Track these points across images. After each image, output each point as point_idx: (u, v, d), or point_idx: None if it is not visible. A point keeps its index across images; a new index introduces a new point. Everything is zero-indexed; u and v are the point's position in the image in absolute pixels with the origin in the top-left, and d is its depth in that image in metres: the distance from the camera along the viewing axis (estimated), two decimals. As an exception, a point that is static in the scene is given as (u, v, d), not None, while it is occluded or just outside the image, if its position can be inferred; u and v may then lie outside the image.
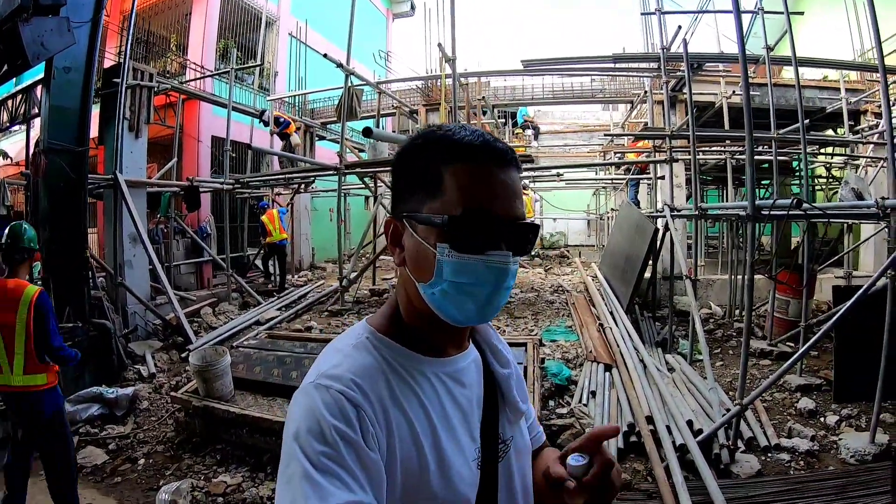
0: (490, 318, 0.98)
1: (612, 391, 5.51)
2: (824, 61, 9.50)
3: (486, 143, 0.94)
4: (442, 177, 0.92)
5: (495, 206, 0.91)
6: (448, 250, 0.90)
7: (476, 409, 1.04)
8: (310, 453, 0.78)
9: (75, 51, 6.23)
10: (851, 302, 4.32)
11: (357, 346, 0.96)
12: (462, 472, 0.94)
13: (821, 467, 4.49)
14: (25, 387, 3.74)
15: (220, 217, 12.36)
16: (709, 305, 9.57)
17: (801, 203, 4.36)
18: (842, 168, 11.63)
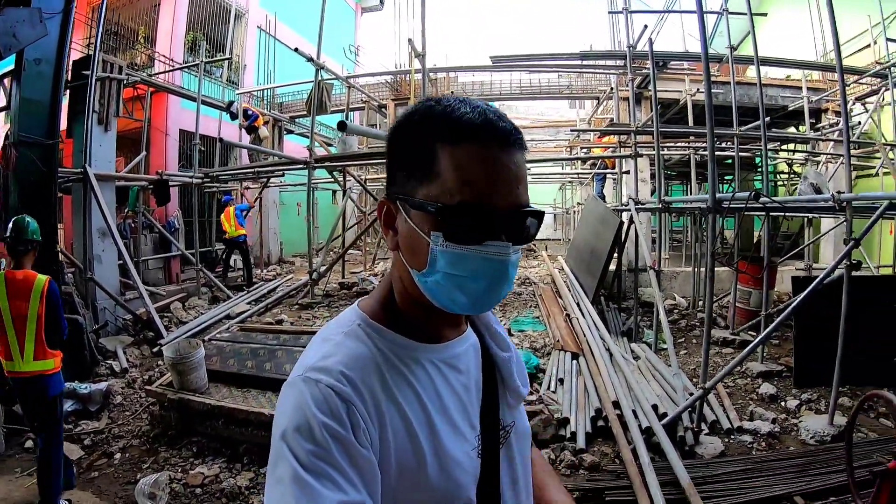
0: (489, 309, 0.93)
1: (580, 378, 5.67)
2: (785, 61, 9.80)
3: (487, 121, 0.85)
4: (438, 159, 0.84)
5: (495, 195, 0.83)
6: (442, 240, 0.83)
7: (475, 395, 0.99)
8: (299, 453, 0.75)
9: (46, 42, 6.18)
10: (808, 290, 4.54)
11: (348, 334, 0.91)
12: (461, 462, 0.90)
13: (782, 448, 4.69)
14: (34, 372, 3.94)
15: (189, 212, 12.31)
16: (673, 297, 9.79)
17: (758, 195, 4.55)
18: (803, 164, 11.98)
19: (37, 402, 4.03)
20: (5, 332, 3.89)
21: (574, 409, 5.01)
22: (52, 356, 4.06)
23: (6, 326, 3.89)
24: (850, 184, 4.95)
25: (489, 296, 0.87)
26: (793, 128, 13.65)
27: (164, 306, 9.39)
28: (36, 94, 6.50)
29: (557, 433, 4.75)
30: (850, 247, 4.50)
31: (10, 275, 3.95)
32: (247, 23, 16.43)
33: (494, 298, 0.88)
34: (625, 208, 8.14)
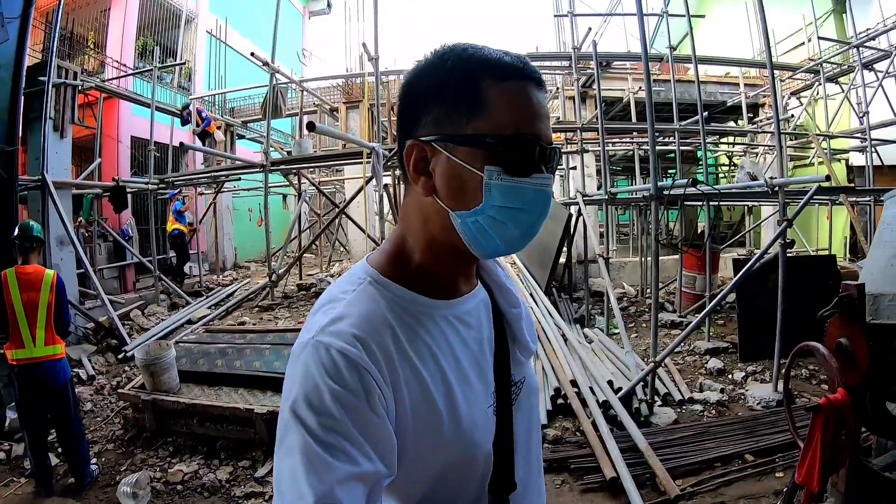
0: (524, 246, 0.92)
1: (537, 361, 5.93)
2: (722, 59, 10.30)
3: (525, 63, 0.87)
4: (487, 95, 0.84)
5: (539, 128, 0.85)
6: (499, 173, 0.83)
7: (488, 351, 0.98)
8: (309, 423, 0.73)
9: (5, 48, 6.15)
10: (746, 267, 4.93)
11: (360, 293, 0.88)
12: (477, 421, 0.90)
13: (731, 414, 5.06)
14: (46, 356, 4.29)
15: (143, 219, 12.23)
16: (622, 286, 10.18)
17: (696, 182, 4.92)
18: (742, 156, 12.56)
19: (49, 389, 4.32)
20: (17, 322, 4.23)
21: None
22: (60, 342, 4.44)
23: (18, 316, 4.23)
24: (782, 170, 5.36)
25: (533, 229, 0.88)
26: (733, 122, 14.26)
27: (124, 314, 9.30)
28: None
29: (519, 413, 5.00)
30: (784, 226, 4.89)
31: (20, 270, 4.33)
32: (196, 28, 16.28)
33: (534, 232, 0.89)
34: (573, 202, 8.46)
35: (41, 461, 4.43)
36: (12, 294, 4.28)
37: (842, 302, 2.47)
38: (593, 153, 10.33)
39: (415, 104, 0.90)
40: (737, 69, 12.27)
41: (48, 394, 4.36)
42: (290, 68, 15.95)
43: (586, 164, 9.95)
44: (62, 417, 4.44)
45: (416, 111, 0.89)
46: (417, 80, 0.91)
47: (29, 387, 4.31)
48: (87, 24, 14.30)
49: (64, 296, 4.56)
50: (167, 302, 10.79)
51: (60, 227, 8.01)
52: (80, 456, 4.51)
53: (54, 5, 8.74)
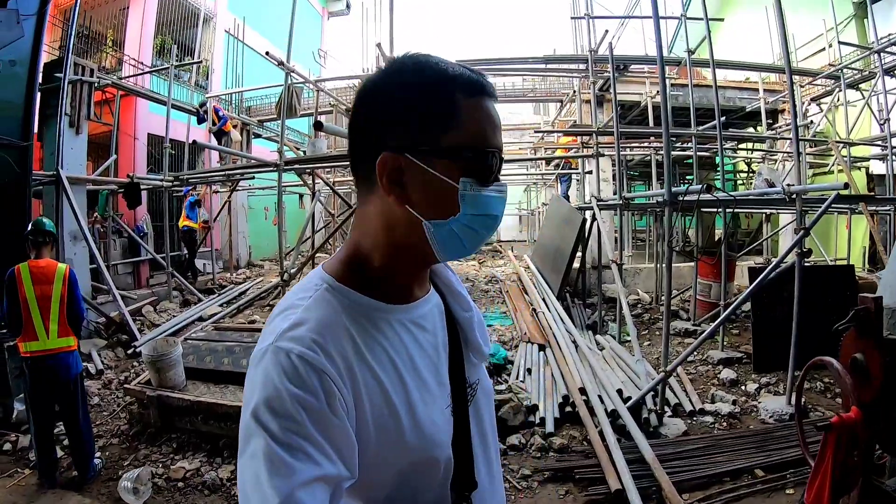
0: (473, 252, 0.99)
1: (547, 368, 5.89)
2: (741, 63, 10.15)
3: (486, 79, 0.94)
4: (459, 109, 0.88)
5: (499, 141, 0.93)
6: (472, 184, 0.88)
7: (443, 354, 1.01)
8: (271, 427, 0.74)
9: (20, 44, 6.12)
10: (762, 276, 4.81)
11: (317, 299, 0.89)
12: (436, 422, 0.92)
13: (742, 427, 4.94)
14: (59, 348, 4.39)
15: (158, 216, 12.27)
16: (636, 292, 10.05)
17: (711, 188, 4.81)
18: (760, 163, 12.38)
19: (61, 381, 4.41)
20: (30, 315, 4.33)
21: (542, 397, 5.21)
22: (72, 335, 4.54)
23: (31, 309, 4.33)
24: (800, 177, 5.24)
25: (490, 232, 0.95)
26: (751, 128, 14.07)
27: (135, 310, 9.35)
28: (10, 95, 6.45)
29: (527, 419, 4.93)
30: (801, 235, 4.78)
31: (33, 264, 4.43)
32: (215, 27, 16.32)
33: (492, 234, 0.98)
34: (588, 206, 8.37)
35: (46, 453, 4.48)
36: (26, 288, 4.36)
37: (858, 315, 2.38)
38: (609, 158, 10.21)
39: (380, 116, 0.92)
40: (756, 74, 12.12)
41: (59, 385, 4.43)
42: (307, 68, 15.96)
43: (602, 168, 9.85)
44: (70, 410, 4.50)
45: (382, 123, 0.91)
46: (379, 93, 0.93)
47: (40, 378, 4.37)
48: (106, 22, 14.39)
49: (77, 289, 4.63)
50: (179, 299, 10.84)
51: (74, 222, 8.03)
52: (86, 449, 4.56)
53: (73, 3, 8.76)
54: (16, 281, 4.37)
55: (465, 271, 12.83)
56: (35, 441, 4.53)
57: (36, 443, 4.51)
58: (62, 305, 4.46)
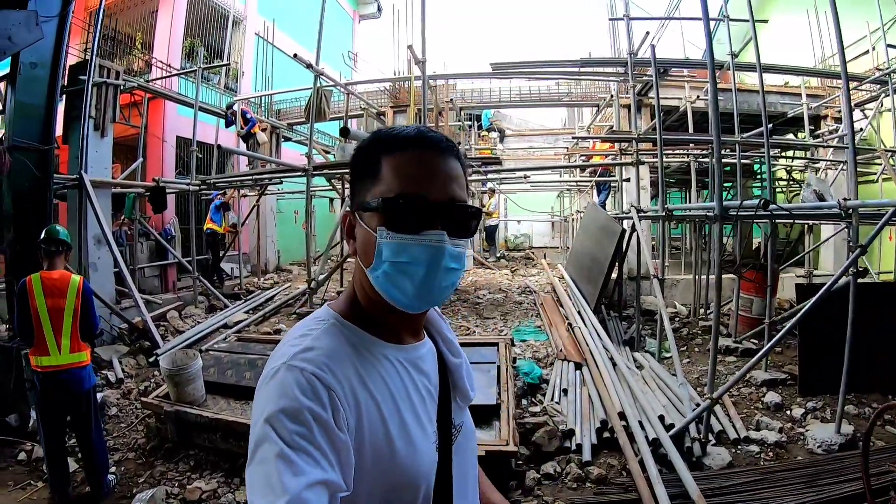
0: (436, 302, 1.03)
1: (584, 389, 5.58)
2: (788, 68, 9.77)
3: (419, 132, 1.02)
4: (381, 166, 0.99)
5: (428, 189, 0.96)
6: (386, 232, 0.95)
7: (433, 395, 1.08)
8: (282, 433, 0.80)
9: (42, 46, 6.04)
10: (815, 300, 4.47)
11: (326, 330, 0.98)
12: (424, 453, 0.98)
13: (789, 458, 4.61)
14: (71, 364, 4.26)
15: (185, 219, 12.20)
16: (674, 305, 9.70)
17: (767, 204, 4.47)
18: (802, 171, 11.95)
19: (73, 395, 4.29)
20: (42, 328, 4.21)
21: (579, 421, 4.93)
22: (85, 349, 4.41)
23: (42, 322, 4.21)
24: (855, 190, 4.90)
25: (429, 282, 0.96)
26: (791, 134, 13.64)
27: (160, 315, 9.26)
28: (31, 98, 6.35)
29: (562, 445, 4.67)
30: (857, 254, 4.46)
31: (45, 275, 4.30)
32: (245, 29, 16.31)
33: (435, 287, 0.98)
34: (626, 216, 8.07)
35: (57, 467, 4.37)
36: (37, 300, 4.23)
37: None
38: (648, 165, 9.88)
39: (350, 178, 1.10)
40: (797, 78, 11.69)
41: (71, 400, 4.32)
42: (337, 71, 15.85)
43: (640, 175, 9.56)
44: (83, 425, 4.39)
45: (350, 184, 1.09)
46: (352, 158, 1.09)
47: (52, 392, 4.26)
48: (135, 25, 14.46)
49: (90, 301, 4.49)
50: (205, 304, 10.71)
51: (97, 226, 7.92)
52: (99, 465, 4.46)
53: (98, 6, 8.71)
54: (27, 292, 4.24)
55: (499, 281, 12.52)
56: (46, 455, 4.41)
57: (47, 457, 4.39)
58: (75, 319, 4.32)
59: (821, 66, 11.73)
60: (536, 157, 20.04)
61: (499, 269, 15.29)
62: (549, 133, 21.94)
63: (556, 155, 18.86)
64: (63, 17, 6.30)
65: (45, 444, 4.37)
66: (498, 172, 13.90)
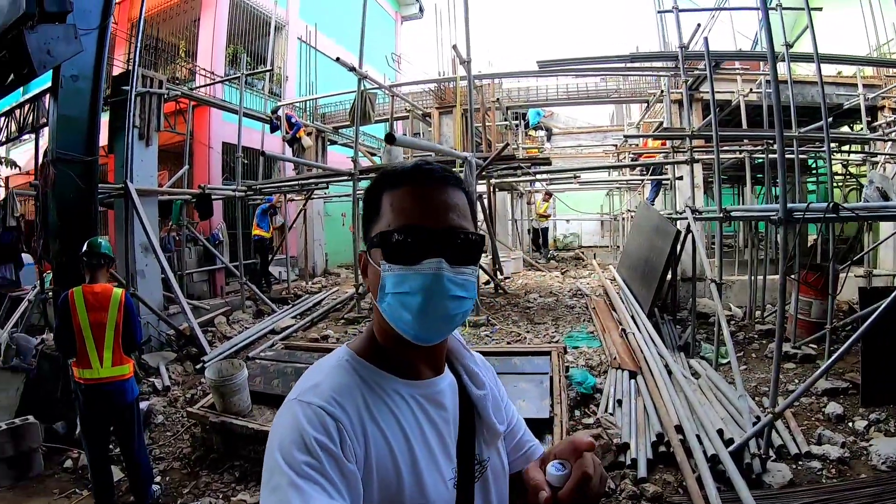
0: (444, 331, 1.03)
1: (639, 399, 5.39)
2: (846, 57, 9.33)
3: (416, 166, 1.05)
4: (382, 202, 1.03)
5: (427, 219, 0.98)
6: (387, 265, 0.97)
7: (453, 430, 1.07)
8: (293, 463, 0.82)
9: (83, 59, 6.11)
10: (885, 306, 4.18)
11: (336, 367, 1.01)
12: (437, 490, 0.98)
13: (853, 475, 4.36)
14: (113, 377, 4.25)
15: (232, 224, 12.32)
16: (729, 307, 9.40)
17: (837, 207, 4.20)
18: (860, 165, 11.48)
19: (116, 408, 4.29)
20: (84, 342, 4.20)
21: (634, 434, 4.74)
22: (128, 362, 4.40)
23: (85, 337, 4.21)
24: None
25: (431, 310, 0.96)
26: (846, 127, 13.13)
27: (207, 321, 9.35)
28: (73, 110, 6.42)
29: (616, 460, 4.50)
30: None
31: (87, 289, 4.30)
32: (287, 35, 16.45)
33: (440, 315, 0.97)
34: (680, 216, 7.81)
35: (101, 477, 4.38)
36: (79, 315, 4.23)
37: None
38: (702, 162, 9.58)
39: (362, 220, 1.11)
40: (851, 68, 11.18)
41: (114, 412, 4.33)
42: (382, 73, 15.84)
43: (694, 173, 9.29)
44: (126, 437, 4.40)
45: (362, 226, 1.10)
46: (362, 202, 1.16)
47: (94, 405, 4.26)
48: (178, 34, 14.71)
49: (133, 314, 4.50)
50: (253, 308, 10.80)
51: (144, 233, 8.01)
52: (142, 476, 4.46)
53: (144, 16, 8.83)
54: (69, 306, 4.25)
55: (549, 284, 12.35)
56: (90, 464, 4.43)
57: (91, 466, 4.41)
58: (117, 333, 4.33)
59: (875, 53, 11.20)
60: (585, 154, 19.73)
61: (548, 270, 15.15)
62: (597, 130, 21.60)
63: (604, 153, 18.55)
64: (103, 29, 6.35)
65: (88, 453, 4.39)
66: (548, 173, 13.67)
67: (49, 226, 6.45)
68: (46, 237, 6.49)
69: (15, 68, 5.27)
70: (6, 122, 9.10)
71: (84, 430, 4.36)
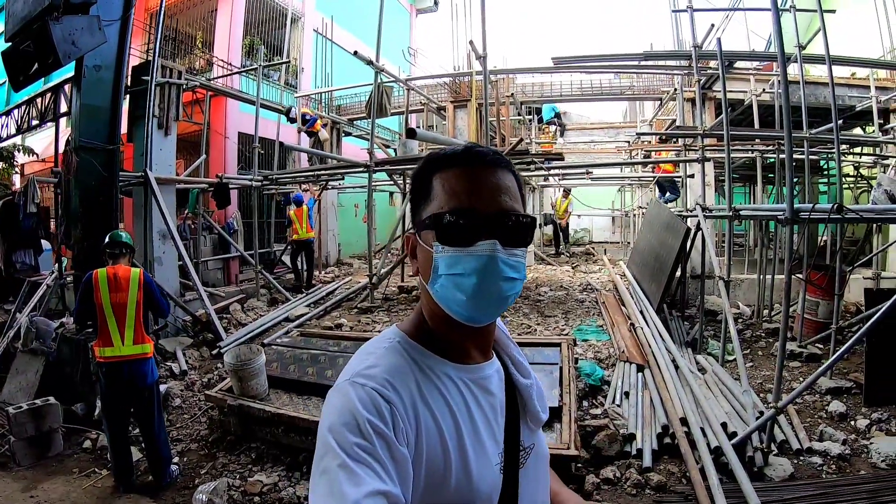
0: (496, 312, 1.02)
1: (645, 392, 5.51)
2: (858, 60, 9.35)
3: (467, 149, 1.04)
4: (433, 185, 1.02)
5: (479, 202, 0.98)
6: (440, 246, 0.97)
7: (500, 415, 1.08)
8: (345, 445, 0.82)
9: (105, 49, 6.27)
10: (887, 307, 4.27)
11: (389, 348, 1.01)
12: (484, 474, 0.98)
13: (853, 471, 4.47)
14: (135, 355, 4.50)
15: (247, 213, 12.45)
16: (737, 305, 9.48)
17: (841, 208, 4.30)
18: (871, 167, 11.47)
19: (137, 389, 4.51)
20: (106, 321, 4.47)
21: (640, 425, 4.87)
22: (149, 342, 4.65)
23: (107, 316, 4.48)
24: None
25: (485, 291, 0.96)
26: (858, 128, 13.10)
27: (223, 308, 9.49)
28: (96, 100, 6.60)
29: (622, 449, 4.62)
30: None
31: (110, 270, 4.60)
32: (303, 26, 16.47)
33: (493, 296, 0.97)
34: (691, 214, 7.88)
35: (121, 457, 4.56)
36: (102, 294, 4.51)
37: None
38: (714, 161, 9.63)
39: (409, 201, 1.12)
40: (864, 70, 11.16)
41: (135, 393, 4.53)
42: (397, 66, 15.88)
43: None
44: (146, 417, 4.61)
45: (410, 206, 1.11)
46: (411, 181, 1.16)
47: (115, 384, 4.45)
48: (195, 25, 14.80)
49: (154, 290, 4.81)
50: (267, 297, 10.94)
51: (162, 221, 8.16)
52: (161, 456, 4.66)
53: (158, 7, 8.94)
54: (93, 286, 4.52)
55: (560, 278, 12.40)
56: (110, 444, 4.61)
57: (111, 446, 4.59)
58: (138, 311, 4.59)
59: (889, 56, 11.19)
60: (597, 150, 19.72)
61: (559, 264, 15.25)
62: (610, 126, 21.54)
63: (617, 149, 18.52)
64: (125, 20, 6.49)
65: (108, 433, 4.56)
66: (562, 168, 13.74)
67: (71, 212, 6.59)
68: (68, 223, 6.63)
69: (40, 58, 5.39)
70: (27, 109, 9.27)
71: (105, 410, 4.54)
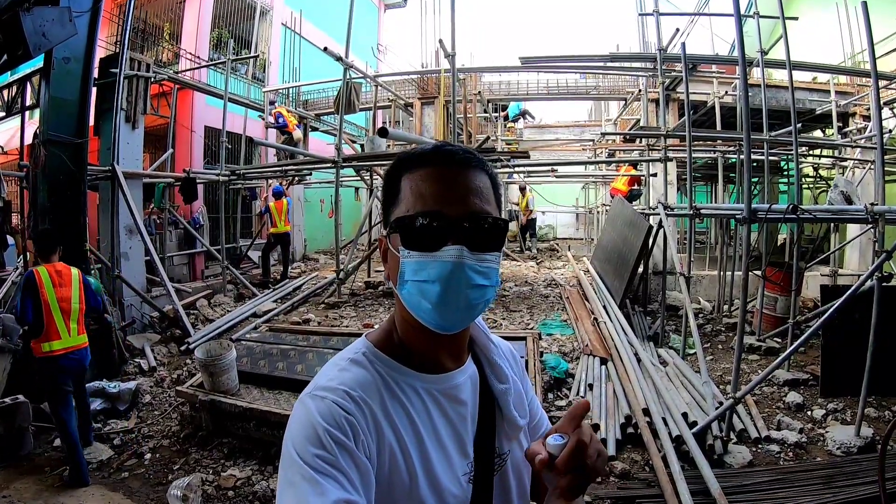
0: (465, 321, 0.99)
1: (609, 384, 5.65)
2: (818, 65, 9.65)
3: (437, 148, 1.01)
4: (400, 186, 1.00)
5: (446, 205, 0.94)
6: (406, 251, 0.95)
7: (470, 424, 1.05)
8: (307, 457, 0.83)
9: (75, 41, 6.19)
10: (839, 303, 4.49)
11: (353, 360, 1.00)
12: (451, 489, 0.97)
13: (809, 458, 4.66)
14: (80, 345, 4.91)
15: (213, 208, 12.35)
16: (698, 301, 9.70)
17: (796, 209, 4.49)
18: (830, 169, 11.82)
19: (83, 369, 5.00)
20: (52, 316, 4.73)
21: (604, 416, 5.02)
22: (86, 332, 5.05)
23: (53, 311, 4.73)
24: (882, 191, 4.91)
25: (451, 299, 0.93)
26: (818, 131, 13.47)
27: (190, 303, 9.43)
28: (65, 92, 6.53)
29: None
30: (882, 259, 4.49)
31: (50, 267, 4.84)
32: (272, 20, 16.36)
33: (460, 304, 0.94)
34: (653, 212, 8.06)
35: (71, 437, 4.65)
36: (47, 291, 4.76)
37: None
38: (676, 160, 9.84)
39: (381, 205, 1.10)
40: (825, 74, 11.53)
41: (81, 374, 5.02)
42: (364, 61, 15.86)
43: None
44: (81, 391, 5.14)
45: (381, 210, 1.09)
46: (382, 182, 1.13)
47: (64, 373, 4.78)
48: (163, 16, 14.61)
49: (90, 287, 5.17)
50: (234, 292, 10.87)
51: (129, 216, 8.09)
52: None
53: (126, -1, 8.84)
54: (37, 284, 4.73)
55: (525, 273, 12.54)
56: (65, 437, 4.69)
57: (67, 439, 4.67)
58: (81, 306, 4.95)
59: (850, 62, 11.55)
60: (561, 147, 19.91)
61: (524, 261, 15.35)
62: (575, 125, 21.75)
63: (581, 147, 18.74)
64: (95, 11, 6.43)
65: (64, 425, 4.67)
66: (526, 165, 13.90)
67: (38, 206, 6.51)
68: (36, 218, 6.54)
69: (9, 50, 5.33)
70: (-7, 102, 9.09)
71: (56, 403, 4.69)
